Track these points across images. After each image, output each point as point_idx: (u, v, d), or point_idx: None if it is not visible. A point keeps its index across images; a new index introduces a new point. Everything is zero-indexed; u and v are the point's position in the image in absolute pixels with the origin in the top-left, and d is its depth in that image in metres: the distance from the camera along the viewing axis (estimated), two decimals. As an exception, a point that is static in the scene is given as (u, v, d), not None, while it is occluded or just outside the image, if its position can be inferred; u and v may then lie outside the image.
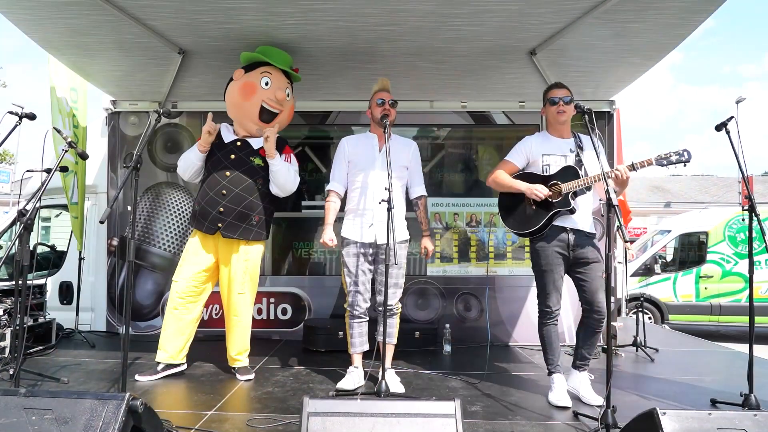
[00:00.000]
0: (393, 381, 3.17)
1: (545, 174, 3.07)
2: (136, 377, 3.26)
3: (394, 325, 3.24)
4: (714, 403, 2.96)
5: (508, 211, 3.22)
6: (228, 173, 3.28)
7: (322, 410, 1.74)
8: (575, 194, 2.99)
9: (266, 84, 3.39)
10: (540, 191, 2.97)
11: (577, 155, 3.04)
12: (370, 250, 3.17)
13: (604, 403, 2.41)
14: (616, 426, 2.32)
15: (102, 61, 3.89)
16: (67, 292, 4.93)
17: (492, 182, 3.21)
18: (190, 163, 3.37)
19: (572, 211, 2.97)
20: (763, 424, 1.76)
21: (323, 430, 1.69)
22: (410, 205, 3.35)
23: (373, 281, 3.23)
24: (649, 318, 8.59)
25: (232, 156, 3.33)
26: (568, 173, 2.99)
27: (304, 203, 4.92)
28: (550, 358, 3.04)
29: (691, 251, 9.18)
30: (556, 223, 3.01)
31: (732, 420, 1.79)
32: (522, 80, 4.19)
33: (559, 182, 3.00)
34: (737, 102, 18.60)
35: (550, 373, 3.04)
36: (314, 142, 5.01)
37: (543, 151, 3.10)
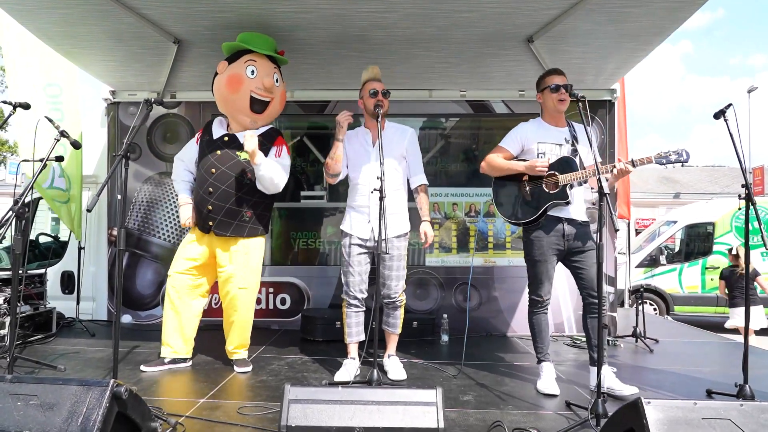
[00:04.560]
0: (396, 367, 3.22)
1: None
2: (142, 368, 3.27)
3: (398, 316, 3.27)
4: (709, 394, 2.94)
5: (503, 199, 3.18)
6: (214, 170, 3.22)
7: (302, 397, 1.74)
8: (571, 186, 2.96)
9: (252, 73, 3.29)
10: (541, 165, 2.91)
11: (573, 145, 3.01)
12: (368, 243, 3.18)
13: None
14: (606, 415, 2.31)
15: (97, 51, 3.88)
16: (68, 282, 4.98)
17: (486, 167, 3.17)
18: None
19: (568, 203, 2.95)
20: (749, 414, 1.74)
21: (303, 417, 1.69)
22: (411, 195, 3.32)
23: (378, 274, 3.22)
24: (654, 309, 8.54)
25: (218, 152, 3.26)
26: (566, 165, 2.95)
27: (303, 193, 4.92)
28: (539, 347, 3.04)
29: (697, 242, 9.09)
30: (551, 213, 2.99)
31: (717, 410, 1.77)
32: (521, 68, 4.14)
33: (556, 173, 2.96)
34: (749, 91, 18.39)
35: (539, 362, 3.04)
36: (313, 133, 5.00)
37: (538, 139, 3.05)
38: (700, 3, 3.15)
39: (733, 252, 6.45)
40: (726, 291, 6.36)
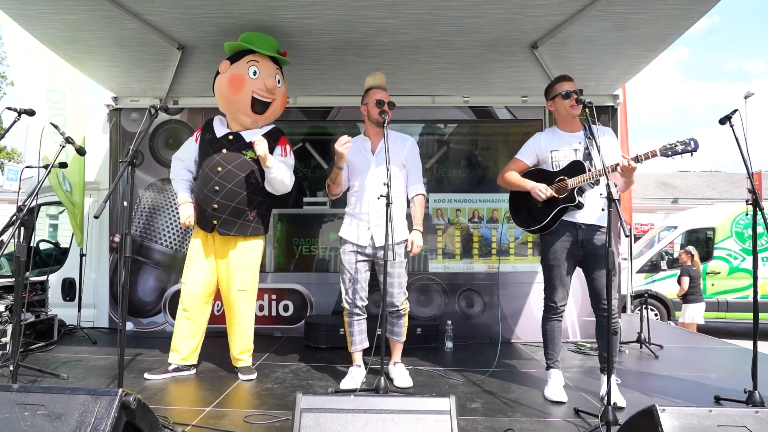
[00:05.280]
0: (402, 375, 3.20)
1: (555, 170, 3.03)
2: (146, 375, 3.24)
3: (402, 324, 3.25)
4: (718, 400, 2.92)
5: (517, 207, 3.20)
6: (220, 169, 3.20)
7: (315, 406, 1.72)
8: (581, 189, 2.94)
9: (254, 74, 3.28)
10: (543, 191, 2.93)
11: (586, 147, 2.98)
12: (368, 251, 3.16)
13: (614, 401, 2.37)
14: (616, 423, 2.29)
15: (100, 57, 3.88)
16: (69, 289, 4.94)
17: (501, 181, 3.20)
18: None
19: (579, 207, 2.93)
20: (765, 422, 1.73)
21: (316, 426, 1.67)
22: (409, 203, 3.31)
23: (378, 282, 3.21)
24: (656, 315, 8.52)
25: (224, 151, 3.25)
26: (576, 168, 2.94)
27: (305, 199, 4.90)
28: (549, 353, 3.02)
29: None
30: (566, 218, 2.96)
31: (733, 417, 1.76)
32: (524, 74, 4.14)
33: (565, 177, 2.96)
34: (745, 97, 18.45)
35: (548, 368, 3.02)
36: (315, 138, 4.99)
37: (552, 147, 3.05)
38: (704, 10, 3.16)
39: (692, 253, 6.72)
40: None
